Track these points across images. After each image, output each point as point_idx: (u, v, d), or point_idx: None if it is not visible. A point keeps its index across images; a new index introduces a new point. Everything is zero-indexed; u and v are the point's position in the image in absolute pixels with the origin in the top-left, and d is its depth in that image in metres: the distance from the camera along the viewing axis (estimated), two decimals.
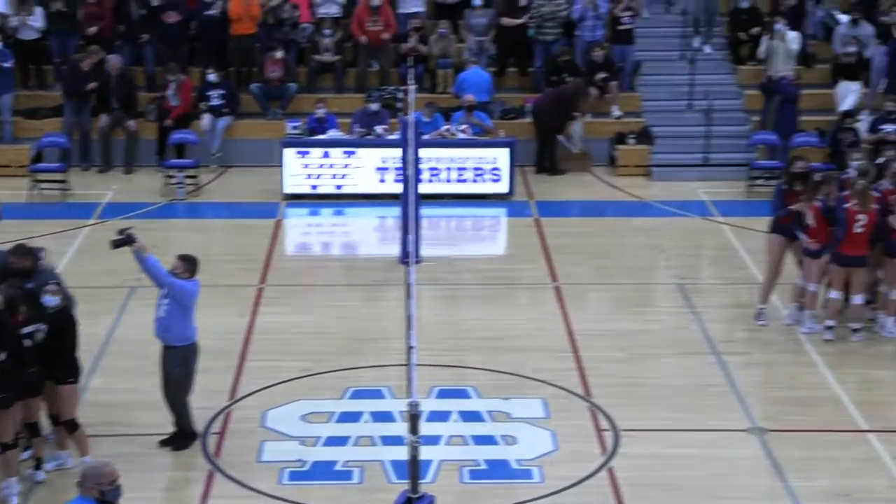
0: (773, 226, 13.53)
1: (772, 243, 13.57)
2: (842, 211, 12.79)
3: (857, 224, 12.75)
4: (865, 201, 12.77)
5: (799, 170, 13.41)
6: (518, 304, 14.76)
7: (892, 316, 13.29)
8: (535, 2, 20.48)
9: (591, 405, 11.90)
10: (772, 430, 11.35)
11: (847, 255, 12.90)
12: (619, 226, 17.66)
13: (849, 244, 12.84)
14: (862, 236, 12.83)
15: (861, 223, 12.75)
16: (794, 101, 19.02)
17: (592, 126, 20.06)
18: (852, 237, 12.80)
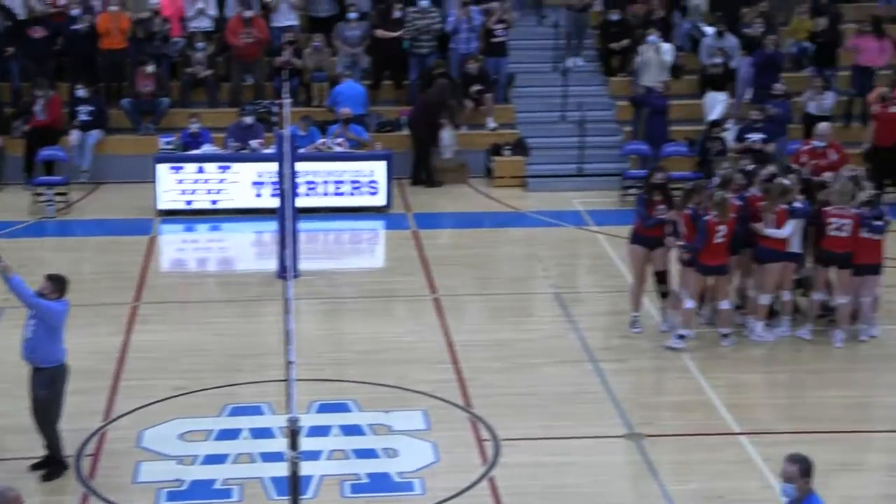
0: (634, 237, 13.70)
1: (633, 254, 13.77)
2: (702, 222, 13.04)
3: (717, 235, 13.01)
4: (724, 212, 13.02)
5: (658, 180, 13.64)
6: (397, 316, 14.76)
7: (760, 320, 13.61)
8: (410, 15, 20.54)
9: (471, 415, 11.94)
10: (648, 435, 11.52)
11: (708, 265, 13.15)
12: (497, 236, 17.79)
13: (709, 254, 13.09)
14: (722, 246, 13.08)
15: (721, 234, 13.01)
16: (663, 112, 19.38)
17: (468, 138, 20.19)
18: (712, 247, 13.04)
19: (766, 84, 19.29)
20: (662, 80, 19.72)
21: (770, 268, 13.34)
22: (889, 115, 17.76)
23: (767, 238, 13.28)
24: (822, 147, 16.00)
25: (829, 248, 13.31)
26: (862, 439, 11.65)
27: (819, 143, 16.05)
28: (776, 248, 13.30)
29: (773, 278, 13.40)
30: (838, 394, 12.51)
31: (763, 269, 13.41)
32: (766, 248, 13.34)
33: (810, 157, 15.84)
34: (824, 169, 15.31)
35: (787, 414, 12.08)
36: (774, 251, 13.31)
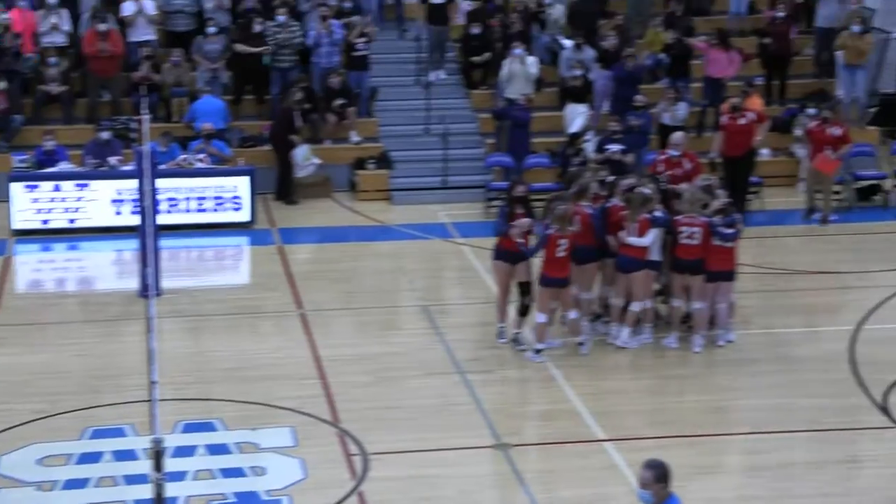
0: (497, 252, 13.69)
1: (497, 269, 13.78)
2: (544, 237, 13.20)
3: (559, 248, 13.17)
4: (563, 225, 13.19)
5: (519, 193, 13.75)
6: (263, 332, 14.62)
7: (626, 327, 13.83)
8: (270, 29, 20.40)
9: (339, 430, 11.88)
10: (516, 444, 11.61)
11: (551, 278, 13.29)
12: (362, 250, 17.76)
13: (552, 267, 13.24)
14: (564, 259, 13.19)
15: (563, 247, 13.16)
16: (525, 124, 19.57)
17: (332, 152, 20.13)
18: (555, 260, 13.17)
19: (626, 96, 19.65)
20: (527, 92, 19.92)
21: (637, 276, 13.57)
22: (737, 126, 18.12)
23: (629, 247, 13.50)
24: (677, 156, 16.35)
25: (681, 255, 13.60)
26: (721, 442, 11.92)
27: (674, 153, 16.40)
28: (638, 256, 13.54)
29: (642, 286, 13.65)
30: (698, 398, 12.78)
31: (630, 279, 13.61)
32: (629, 258, 13.56)
33: (666, 167, 16.17)
34: (680, 178, 15.66)
35: (649, 419, 12.29)
36: (636, 260, 13.55)
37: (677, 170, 16.09)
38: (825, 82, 21.70)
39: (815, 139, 18.26)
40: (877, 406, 12.44)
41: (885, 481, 11.03)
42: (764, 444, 11.74)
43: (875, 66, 21.90)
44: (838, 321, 14.78)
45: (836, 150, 18.01)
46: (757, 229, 17.50)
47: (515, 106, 19.65)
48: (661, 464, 7.70)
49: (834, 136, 18.06)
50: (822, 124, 18.21)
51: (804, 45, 22.29)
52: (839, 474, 11.19)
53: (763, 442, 11.78)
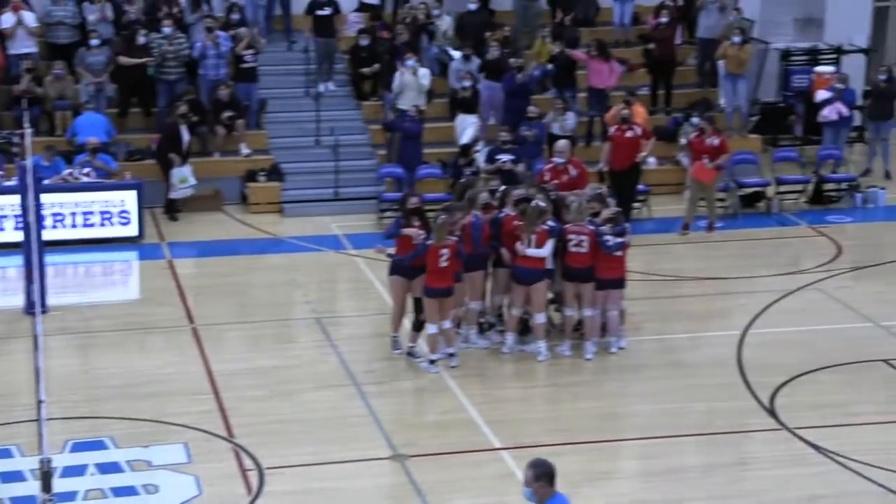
0: (393, 267, 13.66)
1: (393, 284, 13.73)
2: (423, 247, 13.19)
3: (440, 259, 13.17)
4: (440, 236, 13.19)
5: (413, 205, 13.74)
6: (154, 348, 14.40)
7: (542, 341, 13.84)
8: (155, 41, 20.14)
9: (234, 445, 11.76)
10: (412, 455, 11.61)
11: (433, 288, 13.30)
12: (255, 263, 17.60)
13: (434, 277, 13.26)
14: (447, 269, 13.20)
15: (444, 257, 13.17)
16: (416, 136, 19.57)
17: (221, 164, 19.94)
18: (437, 271, 13.19)
19: (518, 108, 19.78)
20: (418, 104, 19.94)
21: (538, 287, 13.66)
22: (624, 139, 18.27)
23: (528, 258, 13.56)
24: (563, 164, 16.50)
25: (571, 263, 13.74)
26: (615, 448, 12.08)
27: (559, 160, 16.54)
28: (538, 267, 13.64)
29: (544, 297, 13.74)
30: (592, 405, 12.93)
31: (532, 290, 13.66)
32: (529, 269, 13.60)
33: (552, 175, 16.31)
34: (566, 185, 15.82)
35: (545, 427, 12.38)
36: (537, 270, 13.63)
37: (563, 177, 16.25)
38: (708, 91, 22.15)
39: (694, 149, 18.57)
40: (764, 409, 12.71)
41: (773, 483, 11.27)
42: (656, 448, 11.92)
43: (755, 75, 22.42)
44: (726, 326, 15.07)
45: (713, 159, 18.30)
46: (645, 237, 17.78)
47: (406, 117, 19.67)
48: (543, 463, 7.77)
49: (712, 146, 18.36)
50: (700, 135, 18.49)
51: (687, 54, 22.73)
52: (730, 477, 11.40)
53: (656, 447, 11.96)
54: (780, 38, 23.55)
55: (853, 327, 14.86)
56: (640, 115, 19.65)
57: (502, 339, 14.11)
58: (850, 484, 11.20)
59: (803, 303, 15.71)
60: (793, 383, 13.28)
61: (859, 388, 13.25)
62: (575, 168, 16.50)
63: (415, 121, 19.56)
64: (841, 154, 20.74)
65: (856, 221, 19.28)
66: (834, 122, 20.84)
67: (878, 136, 21.38)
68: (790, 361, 13.82)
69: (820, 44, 23.33)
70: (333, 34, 21.41)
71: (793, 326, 14.92)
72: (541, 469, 7.71)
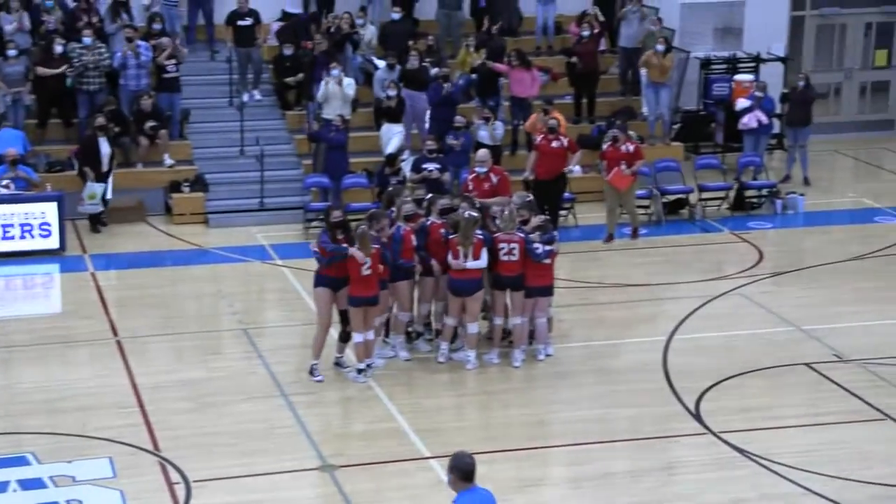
0: (318, 279, 13.51)
1: (319, 297, 13.48)
2: (342, 253, 13.10)
3: (363, 267, 13.14)
4: (365, 246, 13.16)
5: (336, 219, 13.63)
6: (78, 361, 14.20)
7: (472, 350, 13.87)
8: (76, 50, 19.87)
9: (160, 459, 11.63)
10: (342, 465, 11.57)
11: (359, 297, 13.23)
12: (180, 275, 17.42)
13: (358, 286, 13.22)
14: (370, 278, 13.18)
15: (366, 266, 13.13)
16: (340, 146, 19.47)
17: (145, 175, 19.73)
18: (361, 279, 13.15)
19: (445, 117, 19.81)
20: (343, 113, 19.86)
21: (476, 297, 13.68)
22: (550, 149, 18.26)
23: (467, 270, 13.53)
24: (485, 172, 16.52)
25: (502, 272, 13.78)
26: (545, 455, 12.13)
27: (480, 170, 16.54)
28: (476, 277, 13.66)
29: (479, 306, 13.77)
30: (520, 412, 12.98)
31: (470, 300, 13.67)
32: (468, 280, 13.60)
33: (474, 185, 16.34)
34: (487, 193, 15.87)
35: (474, 435, 12.40)
36: (473, 281, 13.65)
37: (486, 185, 16.31)
38: (631, 100, 22.37)
39: (608, 158, 18.49)
40: (690, 414, 12.85)
41: (700, 486, 11.41)
42: (586, 454, 12.00)
43: (677, 84, 22.70)
44: (651, 332, 15.22)
45: (629, 165, 18.44)
46: (571, 244, 17.90)
47: (330, 127, 19.59)
48: (458, 456, 8.08)
49: (627, 153, 18.41)
50: (613, 144, 18.47)
51: (609, 63, 22.93)
52: (658, 481, 11.51)
53: (585, 453, 12.04)
54: (701, 47, 23.88)
55: (775, 331, 15.08)
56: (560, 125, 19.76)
57: (431, 349, 14.09)
58: (774, 486, 11.37)
59: (727, 308, 15.92)
60: (718, 388, 13.44)
61: (782, 392, 13.45)
62: (496, 175, 16.57)
63: (339, 131, 19.49)
64: (761, 161, 21.07)
65: (776, 227, 19.59)
66: (754, 129, 21.16)
67: (797, 143, 21.74)
68: (715, 366, 13.99)
69: (739, 52, 23.70)
70: (254, 44, 21.31)
71: (717, 332, 15.12)
72: (453, 462, 8.03)
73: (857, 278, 17.00)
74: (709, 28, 24.28)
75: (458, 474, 7.98)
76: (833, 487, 11.30)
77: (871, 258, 17.85)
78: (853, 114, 25.48)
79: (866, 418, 12.71)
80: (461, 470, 7.99)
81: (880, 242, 18.49)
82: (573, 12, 23.14)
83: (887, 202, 20.71)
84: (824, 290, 16.60)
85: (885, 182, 22.35)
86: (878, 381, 13.59)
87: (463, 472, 7.99)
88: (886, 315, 15.59)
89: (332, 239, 13.36)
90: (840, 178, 22.70)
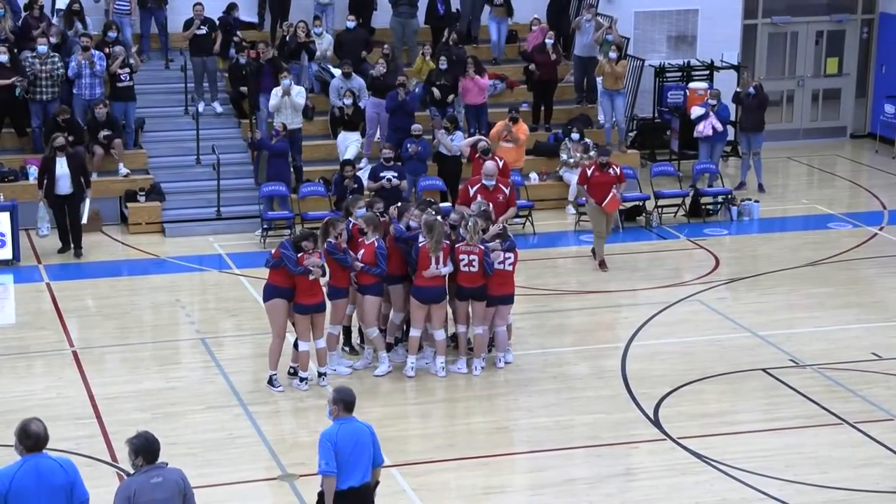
0: (271, 291, 13.33)
1: (274, 309, 13.33)
2: (293, 259, 13.04)
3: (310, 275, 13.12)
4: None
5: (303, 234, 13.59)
6: (33, 373, 14.07)
7: (441, 356, 13.88)
8: (28, 59, 19.69)
9: (118, 470, 11.54)
10: (302, 475, 11.53)
11: (304, 304, 13.20)
12: (137, 284, 17.30)
13: (305, 294, 13.16)
14: (316, 284, 13.15)
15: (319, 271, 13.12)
16: (282, 154, 19.31)
17: (100, 185, 19.53)
18: (308, 286, 13.11)
19: (401, 126, 19.80)
20: (294, 122, 19.78)
21: (441, 305, 13.67)
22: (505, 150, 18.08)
23: (438, 278, 13.53)
24: (493, 185, 16.03)
25: (463, 283, 13.78)
26: (506, 462, 12.15)
27: (488, 182, 15.87)
28: (440, 285, 13.66)
29: (444, 314, 13.77)
30: (481, 420, 13.00)
31: (436, 308, 13.66)
32: (432, 287, 13.58)
33: (485, 196, 15.56)
34: (502, 206, 15.70)
35: (435, 443, 12.41)
36: (439, 288, 13.65)
37: (499, 196, 15.82)
38: (588, 108, 22.49)
39: (597, 183, 17.28)
40: (649, 420, 12.92)
41: (659, 492, 11.47)
42: (546, 461, 12.04)
43: (632, 92, 22.84)
44: (609, 339, 15.30)
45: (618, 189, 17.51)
46: (528, 252, 17.94)
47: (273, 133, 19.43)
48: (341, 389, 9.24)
49: (615, 176, 17.43)
50: (601, 169, 17.35)
51: (566, 71, 23.03)
52: (617, 487, 11.56)
53: (545, 459, 12.07)
54: (655, 55, 24.06)
55: (732, 337, 15.20)
56: (522, 131, 19.82)
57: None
58: (733, 491, 11.45)
59: (684, 314, 16.02)
60: (676, 394, 13.52)
61: (739, 397, 13.56)
62: (506, 187, 16.09)
63: (282, 138, 19.35)
64: (716, 168, 21.23)
65: (732, 234, 19.74)
66: (709, 137, 21.32)
67: (751, 150, 21.92)
68: (673, 372, 14.08)
69: (693, 60, 23.90)
70: (210, 53, 21.22)
71: (675, 338, 15.21)
72: (338, 395, 9.16)
73: (812, 284, 17.17)
74: (663, 36, 24.48)
75: (342, 405, 9.14)
76: (789, 492, 11.40)
77: (824, 264, 18.03)
78: (806, 121, 25.77)
79: (823, 423, 12.84)
80: (345, 401, 9.14)
81: (834, 249, 18.69)
82: (526, 20, 23.23)
83: (840, 209, 20.95)
84: (780, 296, 16.75)
85: (837, 189, 22.61)
86: (834, 387, 13.72)
87: (346, 404, 9.14)
88: (841, 320, 15.76)
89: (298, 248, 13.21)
90: (794, 184, 22.92)
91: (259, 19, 22.80)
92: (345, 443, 9.04)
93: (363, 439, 9.13)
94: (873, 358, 14.54)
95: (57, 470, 8.20)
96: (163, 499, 8.12)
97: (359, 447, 9.09)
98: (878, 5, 25.63)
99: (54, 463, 8.24)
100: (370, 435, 9.19)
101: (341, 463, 9.02)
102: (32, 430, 8.19)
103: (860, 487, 11.50)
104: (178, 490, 8.23)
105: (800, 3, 25.44)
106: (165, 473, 8.20)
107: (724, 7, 24.48)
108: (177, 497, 8.21)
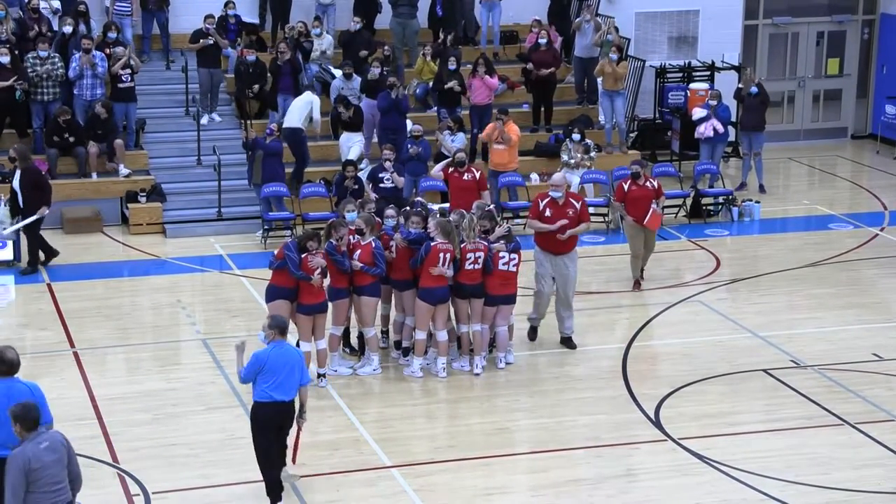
0: (274, 293, 13.33)
1: (277, 310, 13.18)
2: (294, 259, 13.05)
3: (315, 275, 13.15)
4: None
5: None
6: (34, 373, 14.00)
7: (443, 356, 13.85)
8: (30, 60, 19.70)
9: (119, 471, 11.55)
10: (303, 475, 11.52)
11: (307, 304, 13.19)
12: (138, 285, 17.31)
13: (308, 294, 13.16)
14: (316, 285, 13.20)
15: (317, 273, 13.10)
16: (276, 154, 19.29)
17: (101, 186, 19.59)
18: (309, 287, 13.11)
19: (392, 125, 19.78)
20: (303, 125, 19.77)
21: (445, 305, 13.69)
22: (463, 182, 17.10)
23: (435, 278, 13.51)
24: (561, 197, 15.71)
25: (464, 281, 13.79)
26: (507, 462, 12.14)
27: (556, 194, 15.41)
28: (445, 285, 13.65)
29: (447, 313, 13.78)
30: (481, 420, 12.99)
31: (440, 308, 13.66)
32: (438, 288, 13.56)
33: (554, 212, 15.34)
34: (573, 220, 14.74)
35: (435, 444, 12.42)
36: (444, 288, 13.64)
37: (569, 211, 14.63)
38: (588, 108, 22.49)
39: (633, 198, 16.53)
40: (650, 421, 12.92)
41: (660, 493, 11.47)
42: (547, 462, 12.04)
43: (633, 92, 22.84)
44: (610, 339, 15.30)
45: (657, 203, 16.77)
46: (531, 253, 17.87)
47: (267, 133, 19.42)
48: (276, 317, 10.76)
49: (652, 189, 16.67)
50: (635, 182, 16.57)
51: (566, 72, 23.03)
52: (618, 488, 11.56)
53: (546, 460, 12.08)
54: (656, 55, 24.06)
55: (733, 338, 15.20)
56: (513, 131, 19.73)
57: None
58: (734, 492, 11.45)
59: (685, 315, 16.03)
60: (677, 395, 13.53)
61: (740, 398, 13.56)
62: (576, 201, 14.93)
63: (276, 138, 19.33)
64: (717, 169, 21.23)
65: (733, 235, 19.75)
66: (710, 138, 21.32)
67: (752, 151, 21.92)
68: (674, 373, 14.09)
69: (694, 61, 23.90)
70: (218, 64, 21.20)
71: (675, 338, 15.21)
72: (274, 321, 10.63)
73: (813, 285, 17.17)
74: (663, 37, 24.48)
75: (277, 330, 10.53)
76: (791, 493, 11.40)
77: (826, 265, 18.03)
78: (807, 122, 25.77)
79: (824, 424, 12.84)
80: (280, 327, 10.58)
81: (835, 249, 18.69)
82: (526, 21, 23.23)
83: (841, 209, 20.95)
84: (781, 296, 16.75)
85: (838, 189, 22.61)
86: (835, 387, 13.73)
87: (281, 329, 10.59)
88: (842, 321, 15.77)
89: (303, 249, 13.19)
90: (795, 185, 22.93)
91: (260, 20, 22.80)
92: (277, 363, 10.46)
93: (293, 361, 10.54)
94: (874, 359, 14.54)
95: (25, 392, 9.16)
96: (53, 461, 8.59)
97: (288, 367, 10.49)
98: (879, 6, 25.64)
99: (24, 386, 9.29)
100: (299, 358, 10.65)
101: (273, 381, 10.43)
102: (7, 357, 9.25)
103: (861, 488, 11.51)
104: (63, 450, 8.72)
105: (801, 3, 25.45)
106: (49, 437, 8.67)
107: (725, 8, 24.49)
108: (64, 456, 8.71)
